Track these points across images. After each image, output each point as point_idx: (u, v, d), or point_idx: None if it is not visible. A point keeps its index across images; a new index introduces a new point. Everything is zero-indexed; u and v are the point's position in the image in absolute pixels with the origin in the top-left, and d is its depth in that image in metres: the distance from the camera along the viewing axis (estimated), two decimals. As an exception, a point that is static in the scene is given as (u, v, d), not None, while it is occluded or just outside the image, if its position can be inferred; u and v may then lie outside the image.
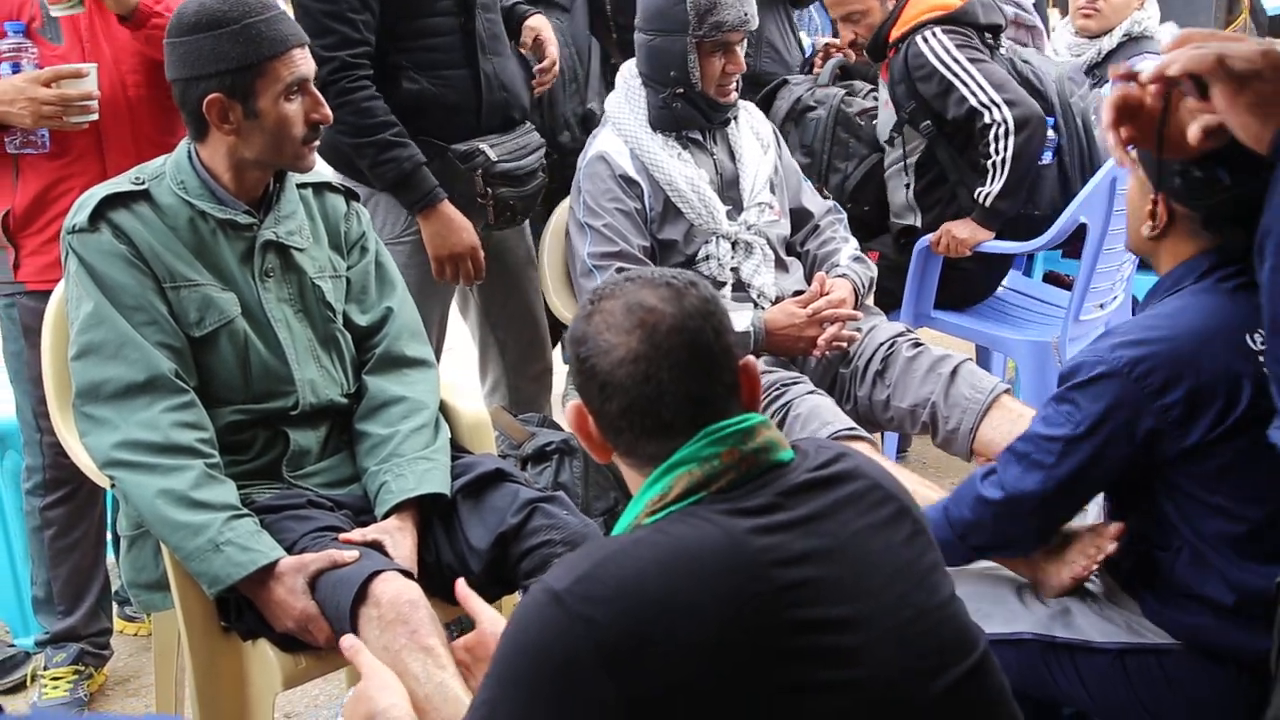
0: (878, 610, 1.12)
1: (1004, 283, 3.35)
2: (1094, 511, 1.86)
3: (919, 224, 3.11)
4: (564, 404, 1.32)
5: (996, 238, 3.04)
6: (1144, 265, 2.47)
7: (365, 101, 2.42)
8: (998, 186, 2.93)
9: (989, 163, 2.93)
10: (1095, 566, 1.71)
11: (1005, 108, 2.89)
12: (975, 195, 2.98)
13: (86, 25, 2.26)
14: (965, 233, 3.01)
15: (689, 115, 2.54)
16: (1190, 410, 1.55)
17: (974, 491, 1.70)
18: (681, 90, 2.51)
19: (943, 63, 2.93)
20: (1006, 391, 2.28)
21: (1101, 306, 3.19)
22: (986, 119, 2.91)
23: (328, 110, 1.90)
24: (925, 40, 2.94)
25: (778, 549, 1.09)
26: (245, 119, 1.84)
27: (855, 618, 1.10)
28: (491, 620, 1.42)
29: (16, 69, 2.18)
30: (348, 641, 1.38)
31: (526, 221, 2.82)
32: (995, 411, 2.23)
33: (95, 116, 2.22)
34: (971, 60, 2.92)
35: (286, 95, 1.85)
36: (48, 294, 2.15)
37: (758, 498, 1.12)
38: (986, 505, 1.68)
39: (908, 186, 3.09)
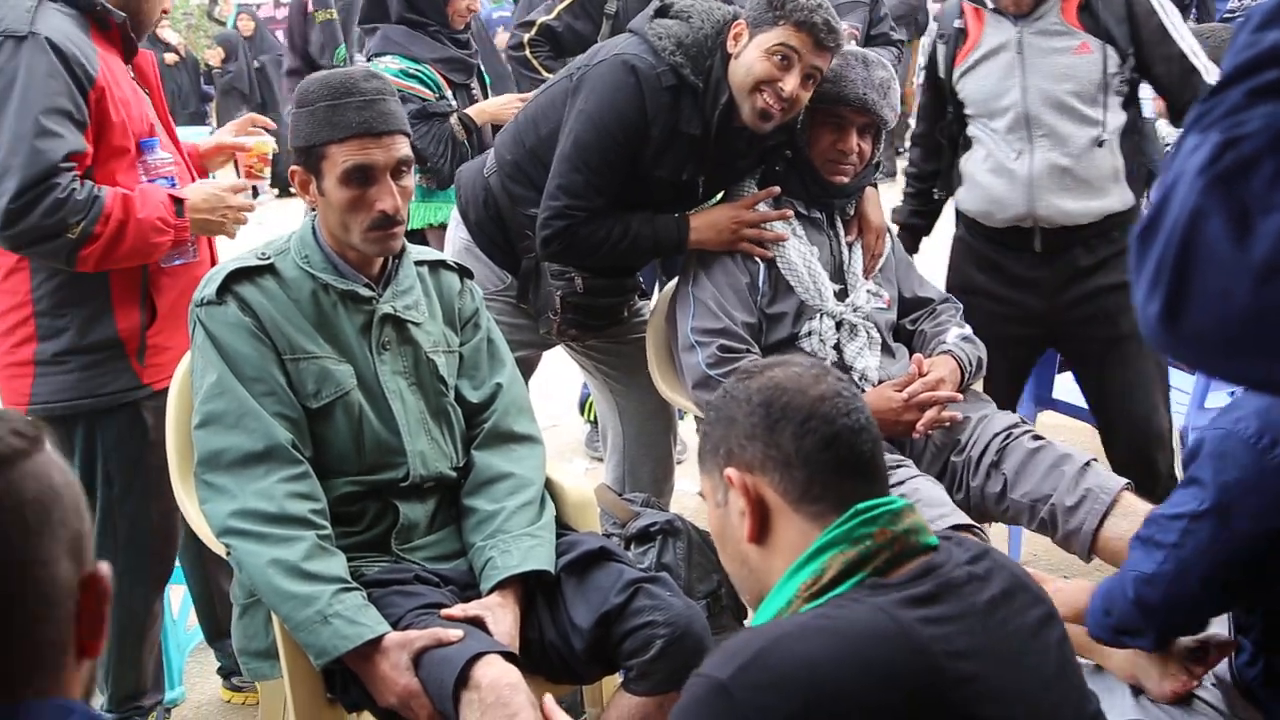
0: (1037, 717, 1.07)
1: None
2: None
3: (1130, 204, 2.61)
4: (704, 465, 1.31)
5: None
6: None
7: (592, 237, 2.47)
8: None
9: None
10: (1194, 684, 1.62)
11: None
12: None
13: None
14: None
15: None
16: None
17: (1122, 580, 1.62)
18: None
19: (1163, 6, 2.53)
20: (1128, 487, 2.19)
21: (1231, 395, 3.05)
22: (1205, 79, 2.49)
23: (395, 203, 1.88)
24: None
25: (946, 640, 1.05)
26: (320, 194, 1.90)
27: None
28: None
29: (172, 184, 2.22)
30: None
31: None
32: (1118, 510, 2.13)
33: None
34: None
35: (344, 180, 1.86)
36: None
37: (921, 585, 1.09)
38: (1125, 596, 1.61)
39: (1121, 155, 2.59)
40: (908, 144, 4.36)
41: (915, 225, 2.99)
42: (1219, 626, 1.70)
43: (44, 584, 0.78)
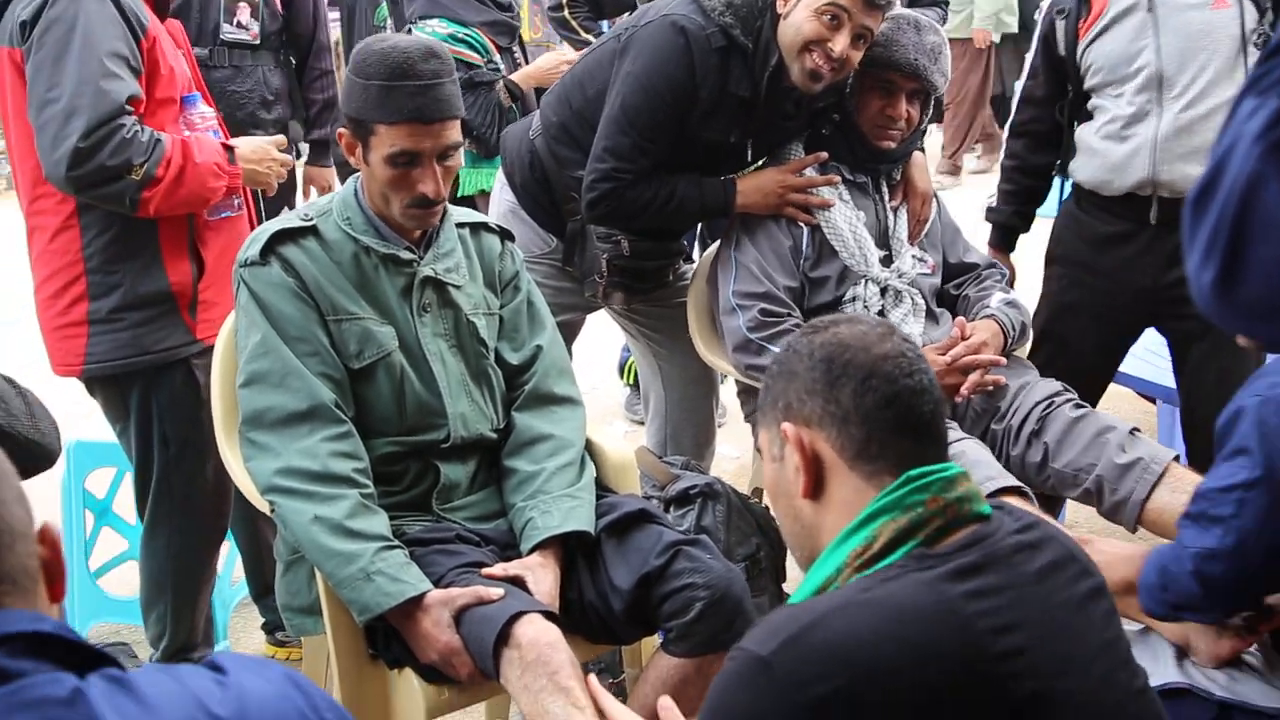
0: (1086, 689, 1.07)
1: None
2: None
3: None
4: (755, 424, 1.32)
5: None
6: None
7: (638, 199, 2.44)
8: None
9: None
10: (1248, 646, 1.61)
11: None
12: None
13: None
14: None
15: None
16: None
17: (1178, 556, 1.59)
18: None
19: None
20: (1176, 459, 2.15)
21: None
22: None
23: (437, 187, 1.89)
24: None
25: (991, 614, 1.05)
26: (365, 163, 1.91)
27: (1069, 692, 1.05)
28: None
29: (218, 136, 2.26)
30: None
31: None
32: (1166, 481, 2.10)
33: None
34: None
35: (389, 161, 1.86)
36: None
37: (968, 556, 1.09)
38: (1184, 572, 1.57)
39: None
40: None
41: (1015, 226, 2.77)
42: None
43: (7, 519, 0.89)
